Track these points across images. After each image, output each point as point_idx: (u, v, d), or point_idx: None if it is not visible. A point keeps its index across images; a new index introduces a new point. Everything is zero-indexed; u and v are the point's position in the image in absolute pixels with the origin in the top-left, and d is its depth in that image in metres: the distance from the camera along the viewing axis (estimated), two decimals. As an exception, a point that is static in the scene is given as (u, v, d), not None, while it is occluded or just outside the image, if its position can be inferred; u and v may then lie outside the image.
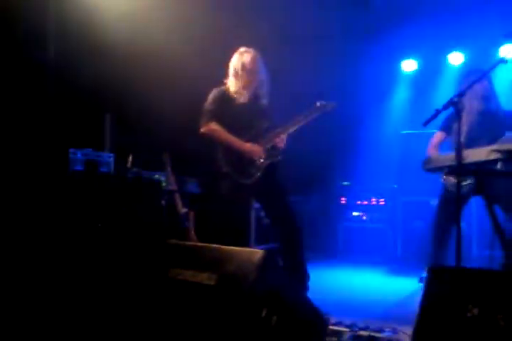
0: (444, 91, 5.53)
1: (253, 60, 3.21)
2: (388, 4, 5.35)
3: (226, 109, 3.21)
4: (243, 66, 3.19)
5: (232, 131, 3.19)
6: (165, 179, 4.09)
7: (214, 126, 3.19)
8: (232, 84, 3.24)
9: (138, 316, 2.14)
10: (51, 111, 3.78)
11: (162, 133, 4.47)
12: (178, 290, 2.14)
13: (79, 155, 3.77)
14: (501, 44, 5.28)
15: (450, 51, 5.69)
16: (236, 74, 3.22)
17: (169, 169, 4.00)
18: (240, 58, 3.23)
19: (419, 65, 5.99)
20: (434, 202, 4.93)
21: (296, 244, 3.18)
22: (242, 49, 3.28)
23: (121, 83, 4.14)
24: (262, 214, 5.06)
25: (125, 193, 3.77)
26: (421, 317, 1.69)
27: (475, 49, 5.52)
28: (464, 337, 1.56)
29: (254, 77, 3.21)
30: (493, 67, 2.39)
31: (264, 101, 3.28)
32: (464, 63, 5.60)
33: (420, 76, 5.96)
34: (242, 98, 3.22)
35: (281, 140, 3.23)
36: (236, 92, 3.22)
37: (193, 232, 3.83)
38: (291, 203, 3.25)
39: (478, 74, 3.00)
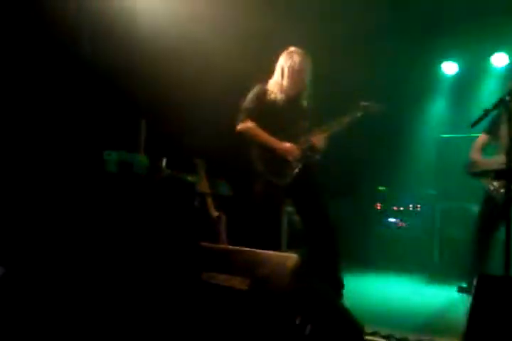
0: (486, 94, 5.36)
1: (302, 61, 3.15)
2: (429, 5, 5.21)
3: (265, 107, 3.15)
4: (291, 67, 3.14)
5: (270, 130, 3.13)
6: (197, 181, 4.06)
7: (250, 124, 3.14)
8: (276, 83, 3.19)
9: (171, 320, 2.10)
10: (88, 112, 3.81)
11: (196, 136, 4.45)
12: (211, 294, 2.10)
13: (113, 157, 3.78)
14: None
15: (493, 52, 5.50)
16: (282, 74, 3.17)
17: (202, 172, 3.97)
18: (288, 58, 3.17)
19: (460, 67, 5.81)
20: (475, 208, 4.78)
21: (331, 249, 3.09)
22: (292, 49, 3.21)
23: (157, 86, 4.14)
24: (294, 217, 4.99)
25: (158, 195, 3.75)
26: (469, 327, 1.59)
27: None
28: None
29: (301, 78, 3.15)
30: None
31: (306, 103, 3.22)
32: (509, 64, 5.39)
33: (461, 78, 5.78)
34: (284, 98, 3.16)
35: (320, 139, 3.15)
36: (278, 92, 3.16)
37: (225, 236, 3.78)
38: (327, 207, 3.16)
39: None
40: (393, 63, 5.40)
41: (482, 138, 3.61)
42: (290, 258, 2.02)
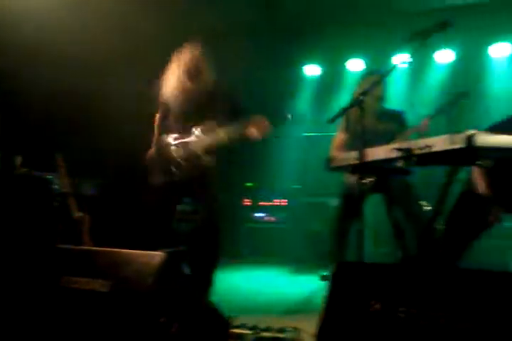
0: (344, 96, 5.76)
1: (196, 60, 3.05)
2: (296, 11, 5.47)
3: (165, 103, 3.16)
4: (185, 65, 3.05)
5: (165, 128, 3.16)
6: (58, 181, 3.80)
7: (156, 122, 3.21)
8: (172, 80, 3.10)
9: (28, 328, 1.93)
10: None
11: (55, 133, 4.17)
12: (71, 300, 1.97)
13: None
14: (396, 52, 5.59)
15: (349, 58, 5.93)
16: (177, 72, 3.07)
17: (62, 170, 3.72)
18: (182, 56, 3.08)
19: (322, 70, 6.18)
20: (332, 202, 5.09)
21: (212, 251, 3.13)
22: (187, 46, 3.09)
23: (9, 78, 3.78)
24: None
25: (13, 194, 3.45)
26: (326, 313, 1.67)
27: (373, 56, 5.79)
28: (367, 333, 1.56)
29: (196, 76, 3.05)
30: (393, 68, 2.47)
31: (206, 100, 3.10)
32: (364, 69, 5.86)
33: (323, 81, 6.15)
34: (179, 96, 3.08)
35: (201, 145, 3.17)
36: (173, 89, 3.09)
37: (88, 237, 3.59)
38: (213, 206, 3.19)
39: (377, 75, 3.11)
40: (258, 63, 5.56)
41: (339, 136, 3.85)
42: (155, 256, 1.96)
